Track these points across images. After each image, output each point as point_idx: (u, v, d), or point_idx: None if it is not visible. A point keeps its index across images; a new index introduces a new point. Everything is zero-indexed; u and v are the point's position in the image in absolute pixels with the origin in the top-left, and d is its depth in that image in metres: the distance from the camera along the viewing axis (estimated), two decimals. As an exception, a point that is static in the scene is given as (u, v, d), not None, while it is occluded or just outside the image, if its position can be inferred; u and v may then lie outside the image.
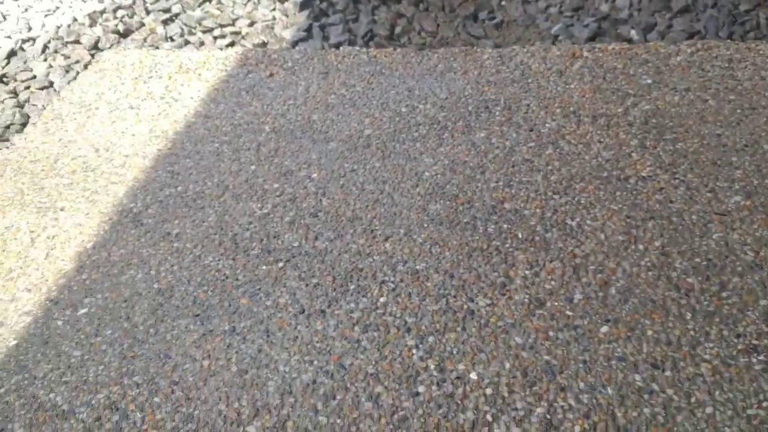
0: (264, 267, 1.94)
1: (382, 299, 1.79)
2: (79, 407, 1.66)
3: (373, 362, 1.64)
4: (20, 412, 1.67)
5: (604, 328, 1.62)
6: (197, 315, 1.84)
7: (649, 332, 1.60)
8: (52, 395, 1.71)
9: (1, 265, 2.11)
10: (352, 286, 1.84)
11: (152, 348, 1.78)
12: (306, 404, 1.58)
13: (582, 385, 1.52)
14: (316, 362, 1.67)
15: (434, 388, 1.56)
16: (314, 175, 2.21)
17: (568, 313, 1.67)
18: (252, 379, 1.66)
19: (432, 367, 1.61)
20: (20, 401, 1.70)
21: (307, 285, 1.87)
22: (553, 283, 1.75)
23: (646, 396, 1.48)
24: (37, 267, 2.08)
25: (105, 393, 1.69)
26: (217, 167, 2.32)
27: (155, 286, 1.94)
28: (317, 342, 1.71)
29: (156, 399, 1.65)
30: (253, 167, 2.29)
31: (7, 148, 2.61)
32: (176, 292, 1.91)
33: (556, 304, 1.69)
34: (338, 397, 1.58)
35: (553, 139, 2.18)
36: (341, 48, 2.82)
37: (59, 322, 1.90)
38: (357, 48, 2.80)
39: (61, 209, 2.26)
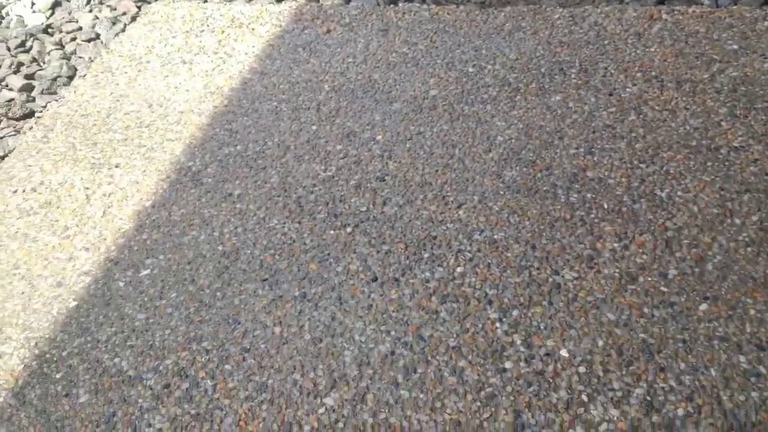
0: (332, 232, 1.85)
1: (459, 269, 1.69)
2: (146, 373, 1.61)
3: (455, 335, 1.56)
4: (84, 377, 1.62)
5: (703, 306, 1.52)
6: (265, 279, 1.76)
7: (752, 311, 1.50)
8: (117, 360, 1.65)
9: (57, 222, 2.04)
10: (426, 255, 1.75)
11: (220, 312, 1.71)
12: (386, 377, 1.51)
13: (683, 365, 1.42)
14: (393, 332, 1.59)
15: (522, 364, 1.48)
16: (379, 137, 2.11)
17: (663, 289, 1.57)
18: (327, 348, 1.58)
19: (518, 342, 1.52)
20: (84, 365, 1.65)
21: (378, 252, 1.78)
22: (644, 257, 1.64)
23: (752, 379, 1.39)
24: (94, 225, 2.00)
25: (173, 359, 1.63)
26: (276, 126, 2.21)
27: (219, 248, 1.86)
28: (393, 311, 1.63)
29: (227, 366, 1.59)
30: (314, 127, 2.19)
31: (57, 101, 2.52)
32: (242, 255, 1.83)
33: (649, 279, 1.59)
34: (419, 371, 1.50)
35: (636, 104, 2.04)
36: (400, 4, 2.67)
37: (121, 283, 1.84)
38: (416, 4, 2.65)
39: (116, 166, 2.17)
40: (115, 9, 2.87)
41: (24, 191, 2.16)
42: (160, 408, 1.53)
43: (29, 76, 2.69)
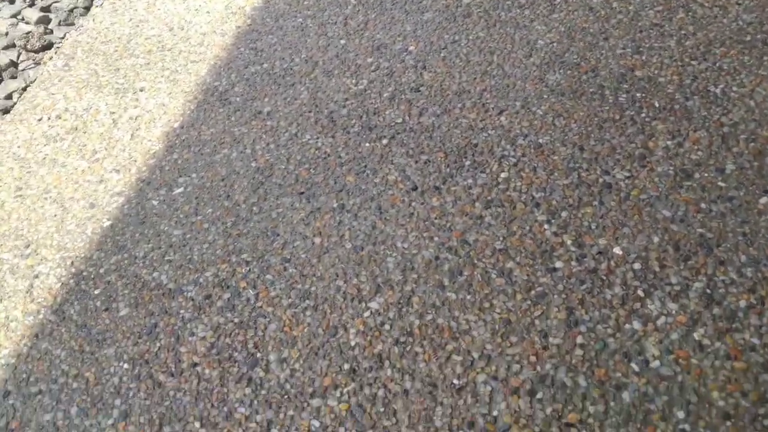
0: (367, 144, 1.80)
1: (503, 174, 1.64)
2: (187, 286, 1.59)
3: (501, 238, 1.52)
4: (123, 292, 1.61)
5: (764, 200, 1.45)
6: (302, 193, 1.72)
7: (817, 204, 1.43)
8: (155, 274, 1.64)
9: (85, 147, 2.01)
10: (468, 162, 1.69)
11: (258, 226, 1.68)
12: (431, 280, 1.48)
13: (744, 258, 1.37)
14: (436, 239, 1.55)
15: (573, 263, 1.43)
16: (411, 48, 2.03)
17: (721, 184, 1.50)
18: (369, 256, 1.55)
19: (569, 242, 1.48)
20: (122, 281, 1.64)
21: (416, 162, 1.73)
22: (699, 153, 1.57)
23: (819, 270, 1.33)
24: (123, 148, 1.98)
25: (212, 271, 1.61)
26: (303, 43, 2.14)
27: (253, 164, 1.82)
28: (435, 218, 1.59)
29: (268, 276, 1.57)
30: (342, 42, 2.11)
31: (75, 30, 2.47)
32: (276, 171, 1.79)
33: (705, 175, 1.52)
34: (465, 273, 1.47)
35: (684, 2, 1.93)
36: None
37: (154, 202, 1.81)
38: None
39: (141, 90, 2.13)
40: (129, -65, 2.78)
41: (49, 119, 2.13)
42: (203, 317, 1.52)
43: (45, 9, 2.64)
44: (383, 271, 1.52)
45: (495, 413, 1.23)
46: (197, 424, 1.33)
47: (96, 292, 1.63)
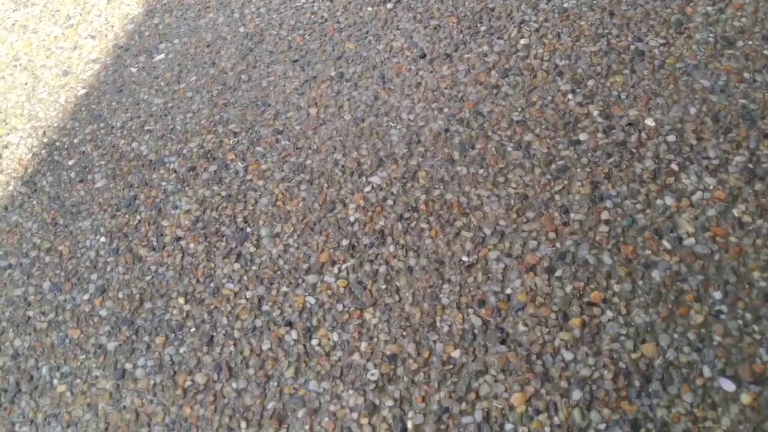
0: (369, 9, 1.57)
1: (522, 41, 1.42)
2: (169, 157, 1.40)
3: (519, 109, 1.32)
4: (100, 162, 1.42)
5: (816, 71, 1.26)
6: (295, 60, 1.51)
7: None
8: (134, 144, 1.44)
9: (58, 12, 1.76)
10: (483, 28, 1.47)
11: (246, 95, 1.47)
12: (439, 154, 1.29)
13: (792, 132, 1.19)
14: (446, 110, 1.35)
15: (600, 135, 1.25)
16: None
17: (767, 53, 1.30)
18: (371, 128, 1.36)
19: (595, 113, 1.28)
20: (98, 151, 1.45)
21: (425, 27, 1.50)
22: (743, 20, 1.36)
23: None
24: (99, 13, 1.73)
25: (197, 142, 1.42)
26: None
27: (241, 30, 1.59)
28: (445, 88, 1.39)
29: (258, 148, 1.38)
30: None
31: None
32: (267, 36, 1.57)
33: (750, 43, 1.32)
34: (478, 147, 1.29)
35: None
36: None
37: (133, 69, 1.59)
38: None
39: (118, -51, 1.85)
40: None
41: (16, -19, 1.86)
42: (187, 190, 1.34)
43: None
44: (386, 144, 1.33)
45: (508, 291, 1.08)
46: (181, 300, 1.18)
47: (70, 162, 1.44)
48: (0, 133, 1.53)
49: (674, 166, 1.18)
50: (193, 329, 1.14)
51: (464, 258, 1.14)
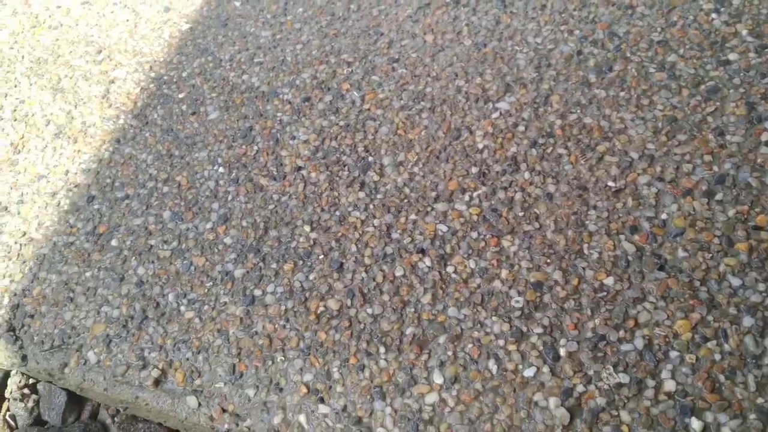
0: (483, -68, 1.51)
1: (657, -42, 1.34)
2: (282, 88, 1.39)
3: (659, 29, 1.25)
4: (211, 95, 1.43)
5: None
6: (407, -14, 1.46)
7: None
8: (245, 77, 1.44)
9: (153, -51, 1.76)
10: (611, -53, 1.39)
11: (357, 25, 1.44)
12: (573, 77, 1.24)
13: None
14: (577, 32, 1.29)
15: (752, 55, 1.17)
16: None
17: None
18: (494, 53, 1.31)
19: (744, 32, 1.20)
20: (208, 84, 1.45)
21: (546, -51, 1.43)
22: None
23: None
24: (195, -53, 1.72)
25: (310, 72, 1.40)
26: None
27: (347, -43, 1.55)
28: (574, 10, 1.32)
29: (374, 77, 1.35)
30: None
31: None
32: (375, -37, 1.52)
33: None
34: (616, 68, 1.22)
35: None
36: None
37: (236, 3, 1.59)
38: None
39: None
40: None
41: None
42: (303, 120, 1.32)
43: None
44: (512, 68, 1.29)
45: (663, 216, 1.03)
46: (307, 228, 1.17)
47: (180, 95, 1.45)
48: (105, 68, 1.55)
49: None
50: (321, 256, 1.13)
51: (610, 183, 1.09)
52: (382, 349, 1.01)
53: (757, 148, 1.06)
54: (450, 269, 1.07)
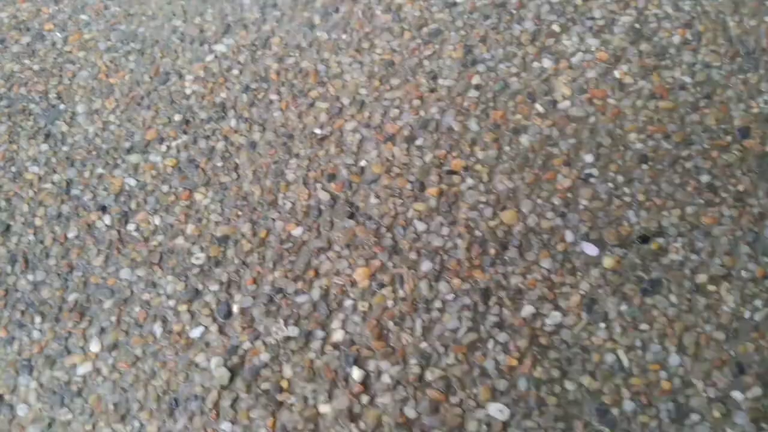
0: None
1: None
2: None
3: (390, -30, 1.29)
4: None
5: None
6: None
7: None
8: None
9: None
10: None
11: (71, -43, 1.39)
12: (298, 18, 1.26)
13: (685, -9, 1.21)
14: (307, -29, 1.31)
15: (477, -2, 1.24)
16: None
17: None
18: (218, -9, 1.31)
19: (473, -26, 1.27)
20: None
21: None
22: None
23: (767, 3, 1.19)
24: None
25: (10, 11, 1.33)
26: None
27: None
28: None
29: (83, 17, 1.31)
30: None
31: None
32: None
33: None
34: (343, 10, 1.26)
35: None
36: None
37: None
38: None
39: None
40: None
41: None
42: (-10, 64, 1.25)
43: None
44: (236, 8, 1.29)
45: (362, 163, 1.07)
46: (-26, 186, 1.11)
47: None
48: None
49: (556, 27, 1.19)
50: (-13, 218, 1.08)
51: (317, 130, 1.11)
52: (38, 319, 0.97)
53: (465, 92, 1.13)
54: (131, 227, 1.05)
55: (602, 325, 0.89)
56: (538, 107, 1.09)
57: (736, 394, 0.83)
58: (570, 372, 0.86)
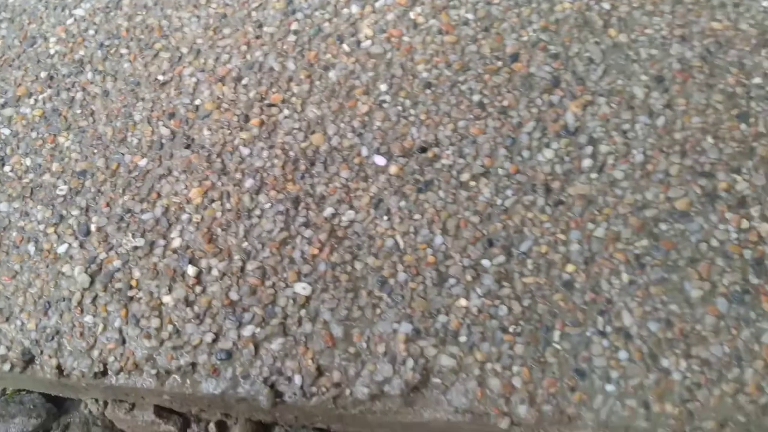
0: None
1: None
2: None
3: (226, -68, 1.46)
4: None
5: None
6: None
7: None
8: None
9: None
10: None
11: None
12: None
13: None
14: (154, -63, 1.47)
15: (300, -46, 1.42)
16: None
17: None
18: (74, -41, 1.46)
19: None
20: None
21: None
22: None
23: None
24: None
25: None
26: None
27: None
28: None
29: (-48, -12, 1.45)
30: None
31: None
32: None
33: None
34: (184, -29, 1.43)
35: None
36: None
37: None
38: None
39: None
40: None
41: None
42: None
43: None
44: (91, -25, 1.45)
45: (197, 102, 1.27)
46: None
47: None
48: None
49: (364, -23, 1.39)
50: None
51: (160, 77, 1.31)
52: (-71, 248, 1.17)
53: (285, 37, 1.33)
54: (7, 169, 1.24)
55: (385, 218, 1.13)
56: (345, 47, 1.30)
57: (485, 262, 1.08)
58: (359, 255, 1.10)
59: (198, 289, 1.09)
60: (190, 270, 1.10)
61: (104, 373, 1.07)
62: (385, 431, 1.20)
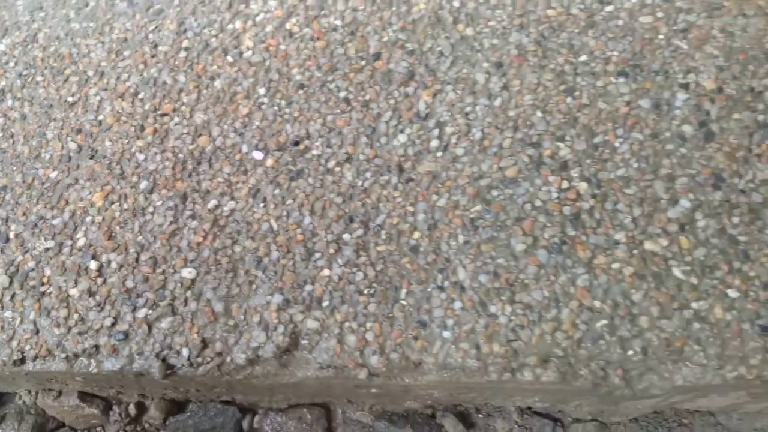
0: None
1: None
2: None
3: (128, -35, 1.62)
4: None
5: None
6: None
7: None
8: None
9: None
10: None
11: None
12: (58, 15, 1.59)
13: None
14: (64, -26, 1.64)
15: (193, -21, 1.58)
16: None
17: None
18: (-5, 1, 1.63)
19: (191, -40, 1.61)
20: None
21: None
22: None
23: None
24: None
25: None
26: None
27: None
28: (65, -45, 1.66)
29: None
30: None
31: None
32: None
33: None
34: (91, 4, 1.59)
35: None
36: None
37: None
38: None
39: None
40: None
41: None
42: None
43: None
44: (12, 14, 1.61)
45: (101, 117, 1.42)
46: None
47: None
48: None
49: (247, -5, 1.54)
50: None
51: (69, 99, 1.46)
52: None
53: (177, 54, 1.48)
54: (-62, 190, 1.40)
55: (261, 205, 1.28)
56: (229, 58, 1.45)
57: (346, 236, 1.23)
58: (238, 240, 1.25)
59: (99, 280, 1.24)
60: (93, 265, 1.25)
61: (23, 360, 1.22)
62: (279, 397, 1.35)
